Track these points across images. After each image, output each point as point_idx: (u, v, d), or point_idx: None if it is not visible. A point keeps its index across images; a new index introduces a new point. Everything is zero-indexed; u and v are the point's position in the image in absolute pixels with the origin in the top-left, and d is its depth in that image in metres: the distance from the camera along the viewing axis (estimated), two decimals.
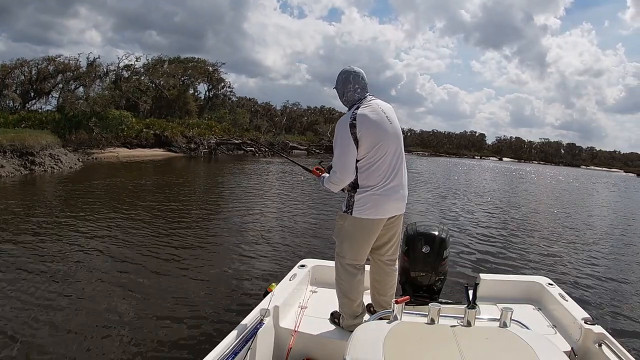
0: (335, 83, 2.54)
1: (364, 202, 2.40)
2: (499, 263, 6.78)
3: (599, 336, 2.35)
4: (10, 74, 29.40)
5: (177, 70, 37.48)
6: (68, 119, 23.60)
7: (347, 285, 2.52)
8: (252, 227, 8.11)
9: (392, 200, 2.44)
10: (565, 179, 35.52)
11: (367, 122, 2.33)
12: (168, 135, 28.36)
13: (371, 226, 2.46)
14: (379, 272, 2.67)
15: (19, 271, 4.98)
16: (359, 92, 2.45)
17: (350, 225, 2.47)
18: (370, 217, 2.42)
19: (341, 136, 2.34)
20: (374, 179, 2.39)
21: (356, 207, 2.41)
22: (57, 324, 3.76)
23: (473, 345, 1.50)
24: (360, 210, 2.41)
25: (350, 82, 2.45)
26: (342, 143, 2.34)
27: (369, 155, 2.36)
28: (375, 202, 2.40)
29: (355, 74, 2.45)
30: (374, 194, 2.39)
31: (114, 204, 9.69)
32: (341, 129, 2.35)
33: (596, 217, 13.89)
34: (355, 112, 2.35)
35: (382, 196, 2.40)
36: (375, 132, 2.35)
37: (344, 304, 2.55)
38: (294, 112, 57.54)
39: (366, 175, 2.39)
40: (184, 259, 5.86)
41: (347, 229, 2.48)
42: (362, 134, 2.31)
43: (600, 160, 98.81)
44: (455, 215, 11.40)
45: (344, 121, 2.36)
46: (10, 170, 13.52)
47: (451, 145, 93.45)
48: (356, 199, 2.41)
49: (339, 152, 2.35)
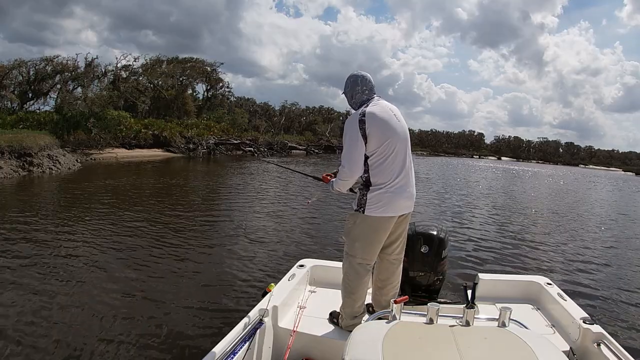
0: (344, 88, 2.63)
1: (376, 200, 2.43)
2: (497, 263, 6.79)
3: (598, 336, 2.36)
4: (8, 74, 29.24)
5: (175, 70, 37.42)
6: (66, 120, 23.56)
7: (353, 285, 2.53)
8: (250, 227, 8.10)
9: (402, 198, 2.48)
10: (566, 184, 35.52)
11: (376, 118, 2.39)
12: (167, 135, 28.31)
13: (383, 224, 2.49)
14: (385, 271, 2.68)
15: (16, 272, 4.97)
16: (366, 94, 2.53)
17: (362, 224, 2.49)
18: (383, 215, 2.45)
19: (350, 132, 2.40)
20: (385, 176, 2.43)
21: (369, 205, 2.44)
22: (55, 325, 3.76)
23: (472, 345, 1.50)
24: (373, 209, 2.44)
25: (358, 85, 2.54)
26: (351, 138, 2.39)
27: (379, 150, 2.41)
28: (388, 200, 2.43)
29: (362, 77, 2.55)
30: (386, 191, 2.42)
31: (113, 205, 9.67)
32: (350, 125, 2.41)
33: (596, 217, 13.90)
34: (364, 109, 2.43)
35: (393, 194, 2.44)
36: (384, 129, 2.41)
37: (347, 304, 2.55)
38: (293, 112, 57.47)
39: (378, 171, 2.43)
40: (182, 260, 5.85)
41: (358, 228, 2.50)
42: (371, 130, 2.37)
43: (598, 159, 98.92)
44: (454, 215, 11.40)
45: (354, 118, 2.42)
46: (8, 172, 13.47)
47: (450, 144, 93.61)
48: (369, 197, 2.44)
49: (348, 147, 2.40)
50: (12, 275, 4.89)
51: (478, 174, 34.93)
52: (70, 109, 25.10)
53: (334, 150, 46.84)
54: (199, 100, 41.90)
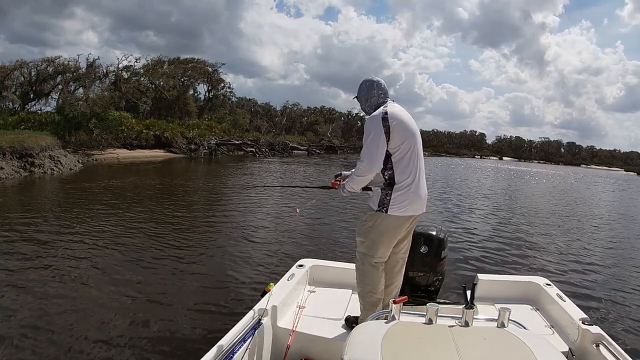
0: (358, 92, 2.70)
1: (401, 199, 2.47)
2: (497, 263, 6.78)
3: (597, 336, 2.36)
4: (9, 75, 29.37)
5: (176, 71, 37.50)
6: (68, 120, 23.59)
7: (374, 280, 2.57)
8: (250, 227, 8.10)
9: (421, 198, 2.55)
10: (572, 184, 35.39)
11: (398, 117, 2.46)
12: (168, 136, 28.35)
13: (404, 223, 2.55)
14: (389, 271, 2.69)
15: (17, 273, 4.99)
16: (382, 97, 2.62)
17: (384, 223, 2.51)
18: (404, 214, 2.50)
19: (372, 129, 2.44)
20: (407, 173, 2.48)
21: (392, 204, 2.47)
22: (56, 325, 3.77)
23: (471, 346, 1.50)
24: (396, 208, 2.47)
25: (374, 89, 2.62)
26: (374, 135, 2.43)
27: (402, 147, 2.46)
28: (411, 199, 2.48)
29: (377, 82, 2.64)
30: (409, 190, 2.48)
31: (114, 205, 9.69)
32: (373, 123, 2.46)
33: (596, 217, 13.86)
34: (385, 108, 2.49)
35: (414, 194, 2.50)
36: (405, 128, 2.48)
37: (369, 302, 2.57)
38: (294, 113, 57.47)
39: (402, 169, 2.47)
40: (182, 260, 5.86)
41: (380, 228, 2.52)
42: (394, 127, 2.43)
43: (600, 159, 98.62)
44: (454, 215, 11.39)
45: (376, 116, 2.47)
46: (10, 172, 13.50)
47: (451, 144, 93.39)
48: (393, 196, 2.47)
49: (369, 143, 2.44)
50: (13, 276, 4.91)
51: (479, 174, 34.87)
52: (71, 110, 25.16)
53: (335, 151, 46.89)
54: (201, 101, 41.92)
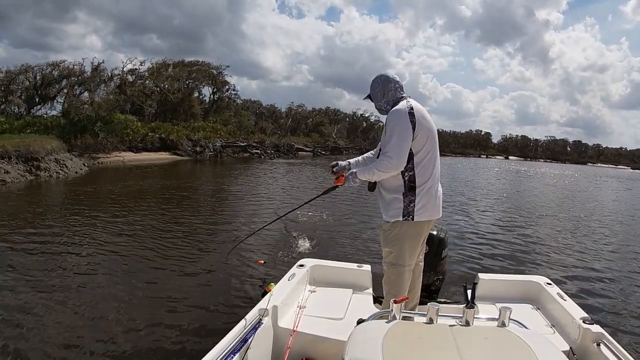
0: (371, 89, 2.61)
1: (424, 202, 2.44)
2: (497, 262, 6.75)
3: (598, 336, 2.34)
4: (15, 79, 29.59)
5: (181, 73, 37.60)
6: (73, 124, 23.74)
7: (404, 287, 2.54)
8: (251, 227, 8.10)
9: (439, 200, 2.54)
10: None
11: (423, 114, 2.42)
12: (173, 138, 28.45)
13: (428, 227, 2.55)
14: (414, 275, 2.67)
15: (22, 276, 5.04)
16: (399, 91, 2.55)
17: (410, 230, 2.48)
18: (429, 218, 2.48)
19: (400, 123, 2.36)
20: (428, 175, 2.44)
21: (417, 211, 2.44)
22: (56, 326, 3.82)
23: (472, 345, 1.50)
24: (421, 213, 2.45)
25: (390, 82, 2.55)
26: (402, 130, 2.35)
27: (425, 147, 2.41)
28: (433, 202, 2.48)
29: (392, 76, 2.57)
30: (429, 193, 2.45)
31: (119, 208, 9.75)
32: (399, 117, 2.38)
33: (597, 217, 13.70)
34: (409, 103, 2.41)
35: (434, 196, 2.49)
36: (428, 125, 2.43)
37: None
38: (299, 114, 57.45)
39: (423, 171, 2.43)
40: (183, 260, 5.90)
41: (406, 235, 2.49)
42: (420, 123, 2.38)
43: (606, 157, 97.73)
44: (454, 215, 11.33)
45: (402, 110, 2.39)
46: (16, 176, 13.60)
47: (457, 144, 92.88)
48: (416, 201, 2.43)
49: (398, 139, 2.35)
50: (18, 278, 4.96)
51: (486, 173, 34.70)
52: (77, 113, 25.34)
53: (340, 152, 46.81)
54: (206, 103, 42.02)
